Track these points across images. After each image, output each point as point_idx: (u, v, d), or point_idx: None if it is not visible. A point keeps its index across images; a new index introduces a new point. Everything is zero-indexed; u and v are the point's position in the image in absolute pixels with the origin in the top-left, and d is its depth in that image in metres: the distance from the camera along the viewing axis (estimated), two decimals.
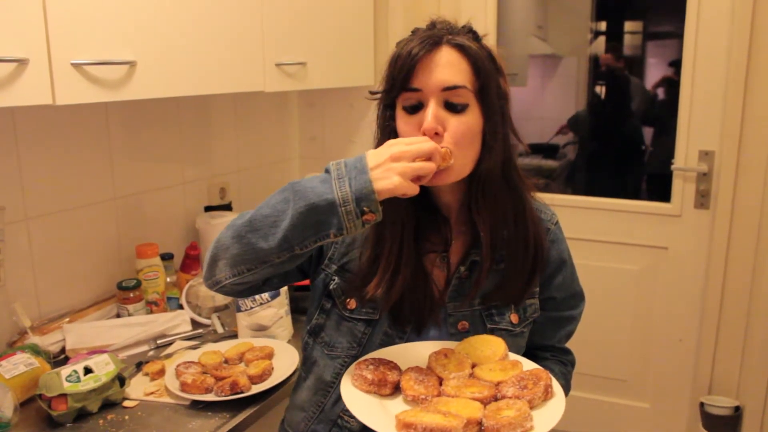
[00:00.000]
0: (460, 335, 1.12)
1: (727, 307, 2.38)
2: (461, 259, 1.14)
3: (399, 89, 1.03)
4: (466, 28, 1.08)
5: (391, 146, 0.95)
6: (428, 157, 0.94)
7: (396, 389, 1.00)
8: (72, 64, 1.25)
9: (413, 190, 0.94)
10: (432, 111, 1.01)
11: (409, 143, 0.95)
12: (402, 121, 1.05)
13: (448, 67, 1.01)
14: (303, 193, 0.95)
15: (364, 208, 0.92)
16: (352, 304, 1.13)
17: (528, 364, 1.04)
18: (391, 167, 0.92)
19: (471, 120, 1.03)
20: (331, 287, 1.15)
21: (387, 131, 1.08)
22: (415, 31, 1.08)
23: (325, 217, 0.93)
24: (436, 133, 1.01)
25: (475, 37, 1.07)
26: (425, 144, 0.95)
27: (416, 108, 1.03)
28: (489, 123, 1.05)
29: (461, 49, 1.02)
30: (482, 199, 1.08)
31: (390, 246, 1.08)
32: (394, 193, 0.92)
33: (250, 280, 1.05)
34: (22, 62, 1.15)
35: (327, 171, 0.96)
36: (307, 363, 1.22)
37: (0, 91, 1.13)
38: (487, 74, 1.04)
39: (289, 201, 0.97)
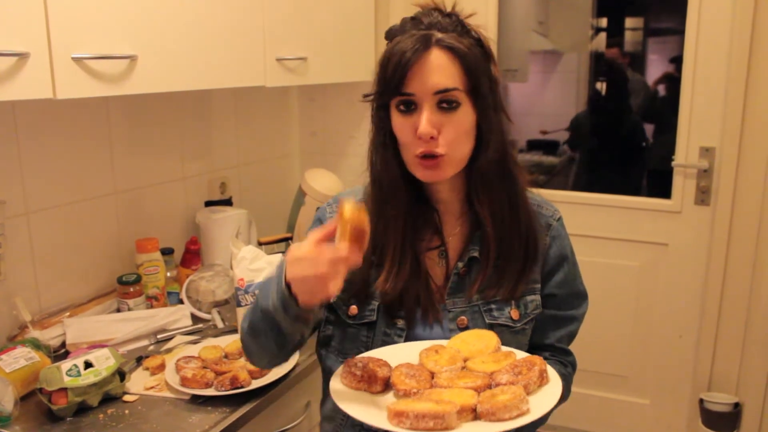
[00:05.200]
0: (459, 331, 1.11)
1: (727, 303, 2.38)
2: (459, 255, 1.14)
3: (392, 94, 1.03)
4: (454, 20, 1.06)
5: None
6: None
7: (387, 387, 0.98)
8: (73, 58, 1.24)
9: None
10: (426, 116, 1.01)
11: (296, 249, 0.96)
12: (397, 123, 1.06)
13: (439, 71, 1.01)
14: (263, 298, 1.04)
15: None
16: (354, 310, 1.13)
17: (521, 354, 1.02)
18: None
19: (464, 117, 1.04)
20: (331, 301, 1.15)
21: (382, 131, 1.10)
22: (404, 23, 1.08)
23: (275, 319, 1.02)
24: (432, 137, 1.01)
25: (463, 28, 1.06)
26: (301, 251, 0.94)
27: (410, 109, 1.03)
28: (483, 117, 1.06)
29: (451, 50, 1.02)
30: (482, 190, 1.09)
31: (394, 239, 1.09)
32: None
33: (287, 358, 1.17)
34: (22, 56, 1.15)
35: None
36: (325, 374, 1.22)
37: (0, 85, 1.13)
38: (477, 72, 1.03)
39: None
